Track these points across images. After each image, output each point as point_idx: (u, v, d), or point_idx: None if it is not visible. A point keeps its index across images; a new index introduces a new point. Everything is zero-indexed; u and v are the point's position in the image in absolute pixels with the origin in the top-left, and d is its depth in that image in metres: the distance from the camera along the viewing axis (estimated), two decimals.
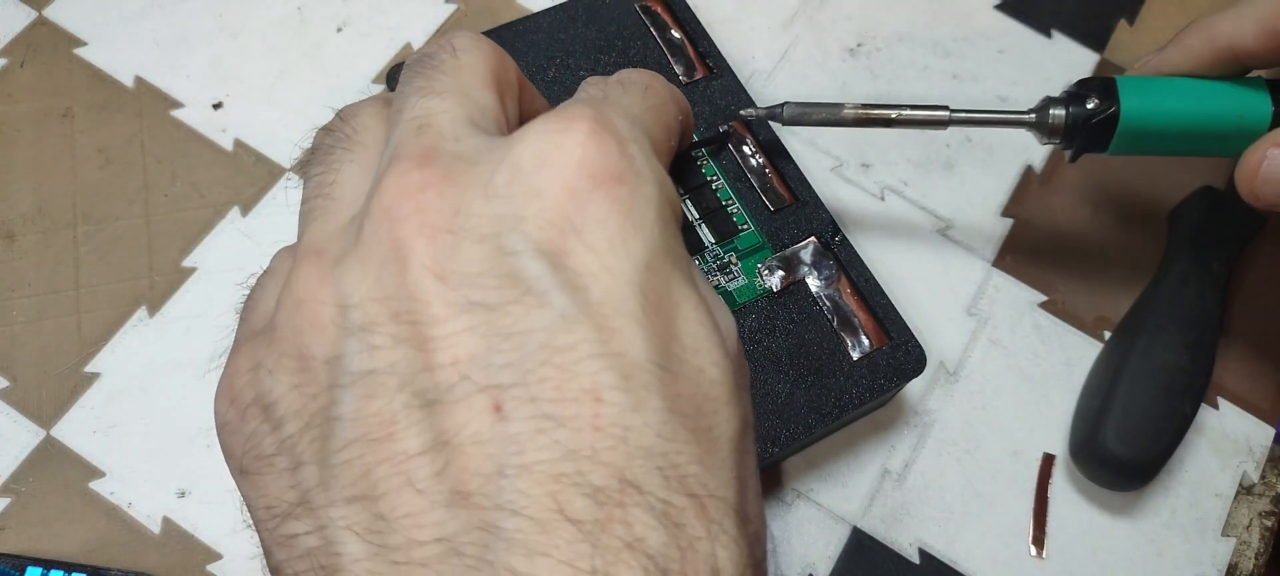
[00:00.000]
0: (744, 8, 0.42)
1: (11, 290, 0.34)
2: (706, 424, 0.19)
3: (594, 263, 0.19)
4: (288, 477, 0.20)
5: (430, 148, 0.20)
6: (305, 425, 0.19)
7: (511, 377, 0.18)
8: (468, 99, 0.22)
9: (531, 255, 0.19)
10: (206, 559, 0.31)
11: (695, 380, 0.20)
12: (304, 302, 0.20)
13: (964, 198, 0.39)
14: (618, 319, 0.19)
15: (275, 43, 0.39)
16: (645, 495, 0.18)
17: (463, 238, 0.19)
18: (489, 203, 0.19)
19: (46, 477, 0.32)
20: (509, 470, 0.18)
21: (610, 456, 0.18)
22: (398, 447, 0.18)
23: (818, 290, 0.33)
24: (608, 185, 0.20)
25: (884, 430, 0.35)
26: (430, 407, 0.18)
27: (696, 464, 0.19)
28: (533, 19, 0.37)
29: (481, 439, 0.18)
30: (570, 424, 0.18)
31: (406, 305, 0.19)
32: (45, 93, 0.38)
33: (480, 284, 0.19)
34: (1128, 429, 0.33)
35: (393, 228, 0.19)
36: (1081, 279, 0.38)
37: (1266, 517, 0.35)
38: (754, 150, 0.35)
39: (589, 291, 0.19)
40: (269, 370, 0.20)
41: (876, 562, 0.33)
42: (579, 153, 0.20)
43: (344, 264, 0.20)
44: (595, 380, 0.18)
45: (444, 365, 0.18)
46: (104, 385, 0.33)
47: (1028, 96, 0.41)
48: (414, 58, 0.23)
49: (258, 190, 0.37)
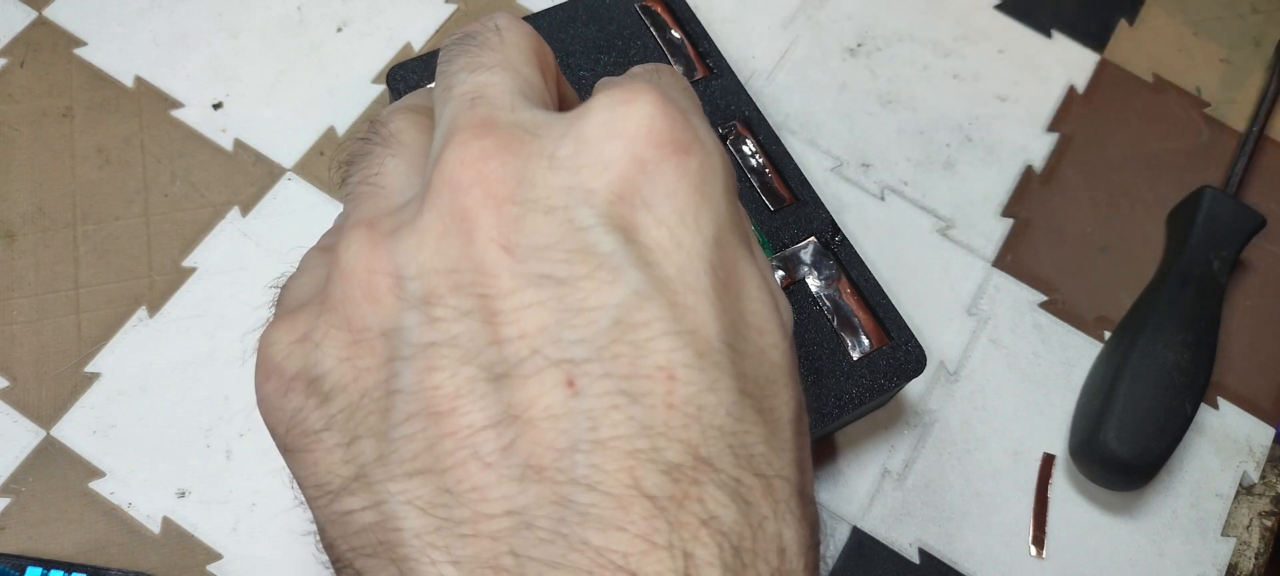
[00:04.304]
0: (744, 8, 0.42)
1: (11, 290, 0.34)
2: (769, 404, 0.19)
3: (665, 237, 0.19)
4: (340, 453, 0.19)
5: (487, 118, 0.20)
6: (359, 398, 0.19)
7: (584, 353, 0.18)
8: (517, 73, 0.21)
9: (603, 229, 0.19)
10: (206, 559, 0.31)
11: (759, 360, 0.20)
12: (355, 273, 0.19)
13: (964, 198, 0.39)
14: (690, 296, 0.19)
15: (275, 43, 0.39)
16: (719, 472, 0.18)
17: (529, 209, 0.19)
18: (555, 173, 0.19)
19: (46, 477, 0.32)
20: (583, 445, 0.18)
21: (685, 433, 0.18)
22: (463, 421, 0.18)
23: (818, 290, 0.33)
24: (676, 156, 0.19)
25: (884, 430, 0.35)
26: (498, 381, 0.18)
27: (763, 443, 0.19)
28: (533, 19, 0.37)
29: (555, 413, 0.18)
30: (644, 400, 0.18)
31: (472, 277, 0.18)
32: (45, 93, 0.38)
33: (549, 257, 0.18)
34: (1128, 429, 0.33)
35: (456, 197, 0.19)
36: (1081, 279, 0.38)
37: (1266, 517, 0.35)
38: (754, 150, 0.35)
39: (661, 266, 0.19)
40: (316, 343, 0.20)
41: (876, 562, 0.33)
42: (647, 123, 0.19)
43: (399, 235, 0.19)
44: (670, 357, 0.18)
45: (512, 338, 0.18)
46: (104, 385, 0.33)
47: (1028, 96, 0.41)
48: (455, 38, 0.22)
49: (257, 190, 0.37)
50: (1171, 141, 0.41)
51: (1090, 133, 0.41)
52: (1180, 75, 0.43)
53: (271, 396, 0.20)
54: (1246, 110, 0.42)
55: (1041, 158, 0.40)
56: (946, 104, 0.41)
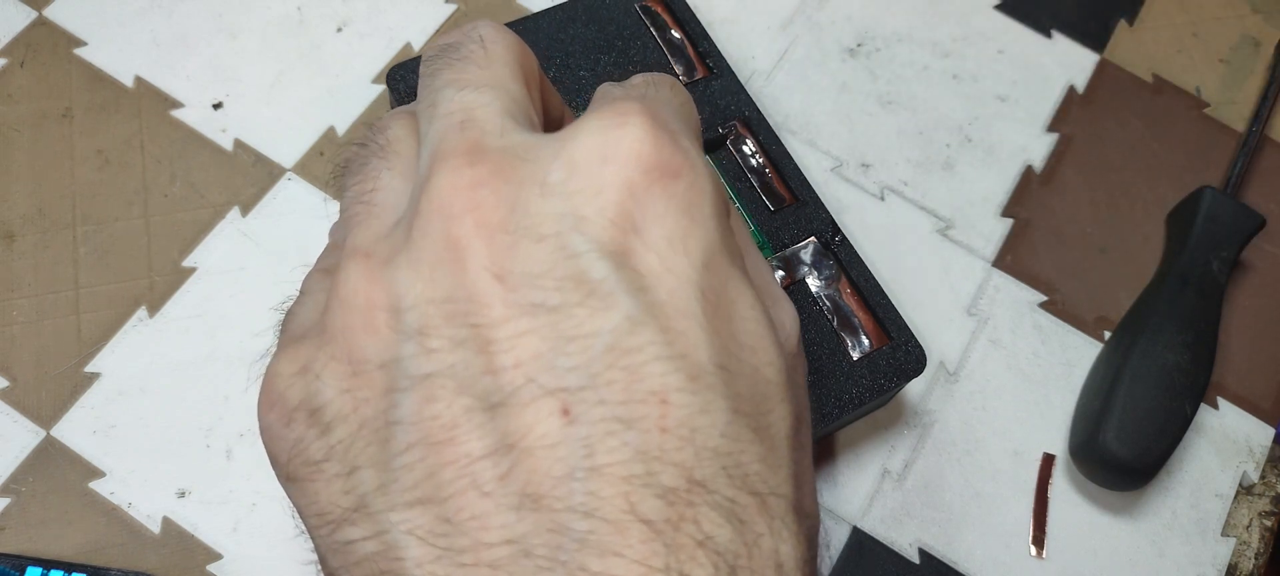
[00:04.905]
0: (744, 8, 0.42)
1: (11, 291, 0.34)
2: (765, 421, 0.19)
3: (656, 263, 0.19)
4: (340, 483, 0.19)
5: (477, 143, 0.20)
6: (358, 429, 0.19)
7: (579, 381, 0.18)
8: (504, 91, 0.21)
9: (596, 255, 0.19)
10: (206, 559, 0.31)
11: (753, 379, 0.20)
12: (353, 305, 0.19)
13: (964, 198, 0.39)
14: (682, 321, 0.19)
15: (275, 43, 0.39)
16: (712, 494, 0.18)
17: (521, 237, 0.19)
18: (546, 200, 0.19)
19: (46, 478, 0.32)
20: (579, 472, 0.18)
21: (679, 457, 0.18)
22: (461, 450, 0.18)
23: (818, 290, 0.33)
24: (665, 181, 0.20)
25: (884, 430, 0.35)
26: (494, 410, 0.18)
27: (758, 462, 0.19)
28: (533, 19, 0.37)
29: (551, 441, 0.18)
30: (639, 425, 0.18)
31: (465, 307, 0.19)
32: (44, 93, 0.37)
33: (542, 285, 0.19)
34: (1128, 429, 0.33)
35: (448, 226, 0.19)
36: (1081, 279, 0.38)
37: (1266, 517, 0.35)
38: (754, 150, 0.35)
39: (653, 292, 0.19)
40: (316, 374, 0.20)
41: (876, 562, 0.33)
42: (637, 147, 0.20)
43: (394, 264, 0.19)
44: (663, 382, 0.18)
45: (507, 368, 0.18)
46: (104, 385, 0.33)
47: (1027, 96, 0.41)
48: (437, 48, 0.22)
49: (257, 190, 0.37)
50: (1171, 141, 0.41)
51: (1090, 133, 0.41)
52: (1180, 75, 0.43)
53: (273, 426, 0.20)
54: (1246, 110, 0.42)
55: (1041, 158, 0.40)
56: (946, 104, 0.41)
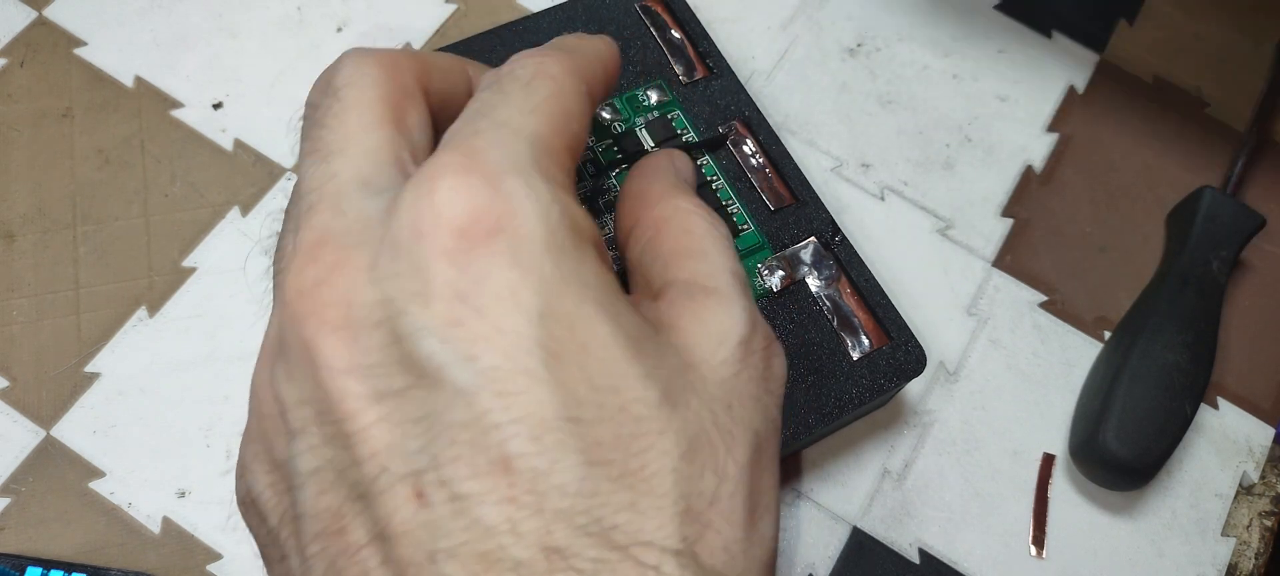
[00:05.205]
0: (744, 8, 0.42)
1: (10, 290, 0.34)
2: (635, 464, 0.19)
3: (486, 326, 0.19)
4: (279, 568, 0.21)
5: (320, 233, 0.20)
6: (281, 519, 0.20)
7: (425, 462, 0.18)
8: (356, 152, 0.21)
9: (423, 334, 0.19)
10: (206, 559, 0.31)
11: (617, 419, 0.19)
12: (260, 410, 0.21)
13: (964, 198, 0.39)
14: (517, 380, 0.18)
15: (274, 43, 0.39)
16: (571, 558, 0.18)
17: (358, 330, 0.19)
18: (375, 288, 0.19)
19: (46, 478, 0.32)
20: (438, 555, 0.18)
21: (529, 526, 0.18)
22: (350, 540, 0.19)
23: (818, 290, 0.33)
24: (485, 239, 0.19)
25: (884, 430, 0.35)
26: (364, 500, 0.19)
27: (625, 511, 0.18)
28: (533, 19, 0.37)
29: (408, 528, 0.18)
30: (485, 499, 0.18)
31: (325, 406, 0.19)
32: (44, 93, 0.37)
33: (381, 373, 0.19)
34: (1128, 429, 0.33)
35: (299, 329, 0.20)
36: (1081, 279, 0.38)
37: (1266, 517, 0.35)
38: (754, 150, 0.35)
39: (483, 358, 0.18)
40: (251, 469, 0.21)
41: (876, 562, 0.33)
42: (448, 211, 0.19)
43: (275, 370, 0.20)
44: (503, 449, 0.18)
45: (366, 458, 0.19)
46: (103, 385, 0.33)
47: (1027, 96, 0.41)
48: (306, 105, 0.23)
49: (257, 190, 0.37)
50: (1171, 141, 0.41)
51: (1090, 133, 0.41)
52: (1180, 75, 0.43)
53: (241, 513, 0.22)
54: (1246, 110, 0.42)
55: (1041, 158, 0.40)
56: (946, 104, 0.41)
